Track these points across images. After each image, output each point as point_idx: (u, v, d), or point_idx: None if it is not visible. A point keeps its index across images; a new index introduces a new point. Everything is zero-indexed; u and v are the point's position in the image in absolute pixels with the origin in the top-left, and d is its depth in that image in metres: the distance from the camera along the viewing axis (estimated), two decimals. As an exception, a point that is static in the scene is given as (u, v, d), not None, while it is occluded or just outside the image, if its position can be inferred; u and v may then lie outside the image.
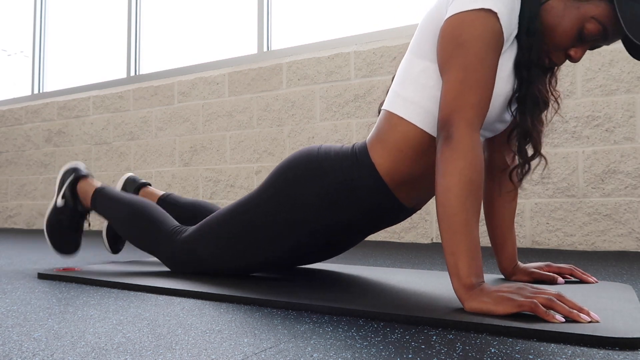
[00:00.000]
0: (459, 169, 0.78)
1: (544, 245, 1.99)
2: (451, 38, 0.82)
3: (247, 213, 1.07)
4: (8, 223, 3.78)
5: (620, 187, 1.87)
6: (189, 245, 1.14)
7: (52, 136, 3.57)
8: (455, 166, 0.78)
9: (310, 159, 1.02)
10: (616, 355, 0.58)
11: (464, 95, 0.80)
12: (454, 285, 0.77)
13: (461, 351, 0.60)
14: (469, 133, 0.79)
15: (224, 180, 2.80)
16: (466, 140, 0.79)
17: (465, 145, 0.79)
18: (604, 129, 1.91)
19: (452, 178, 0.78)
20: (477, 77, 0.80)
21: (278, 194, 1.03)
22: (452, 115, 0.80)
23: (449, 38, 0.83)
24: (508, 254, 1.08)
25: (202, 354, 0.59)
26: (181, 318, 0.78)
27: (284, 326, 0.72)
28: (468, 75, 0.80)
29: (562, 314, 0.70)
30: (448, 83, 0.82)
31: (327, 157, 1.01)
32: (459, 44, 0.81)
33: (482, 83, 0.81)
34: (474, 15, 0.81)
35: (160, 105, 3.08)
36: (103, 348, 0.61)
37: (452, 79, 0.81)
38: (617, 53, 1.90)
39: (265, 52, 2.77)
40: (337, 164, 1.00)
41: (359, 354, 0.59)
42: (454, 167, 0.78)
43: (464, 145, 0.79)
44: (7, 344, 0.63)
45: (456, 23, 0.82)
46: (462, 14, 0.82)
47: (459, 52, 0.81)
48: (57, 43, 3.80)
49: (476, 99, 0.80)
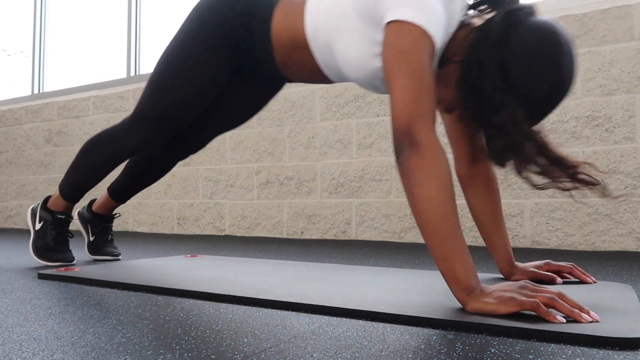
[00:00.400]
0: (437, 175, 0.78)
1: (544, 245, 1.99)
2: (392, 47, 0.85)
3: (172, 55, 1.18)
4: (8, 223, 3.78)
5: (620, 187, 1.87)
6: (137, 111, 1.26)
7: (52, 136, 3.57)
8: (430, 173, 0.78)
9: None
10: (616, 355, 0.58)
11: (417, 102, 0.81)
12: (453, 290, 0.77)
13: (461, 351, 0.60)
14: (433, 138, 0.80)
15: (224, 180, 2.80)
16: (434, 146, 0.79)
17: (434, 150, 0.79)
18: (604, 129, 1.91)
19: (430, 186, 0.78)
20: (424, 84, 0.82)
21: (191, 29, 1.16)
22: (411, 123, 0.80)
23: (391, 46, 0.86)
24: (501, 254, 1.09)
25: (202, 354, 0.59)
26: (181, 318, 0.78)
27: (284, 326, 0.72)
28: (415, 83, 0.82)
29: (563, 313, 0.70)
30: (398, 90, 0.83)
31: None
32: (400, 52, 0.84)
33: (429, 89, 0.83)
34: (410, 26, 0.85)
35: (160, 105, 3.08)
36: (103, 348, 0.61)
37: (401, 86, 0.83)
38: (617, 53, 1.90)
39: (265, 52, 2.77)
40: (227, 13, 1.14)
41: (359, 354, 0.59)
42: (430, 174, 0.78)
43: (433, 151, 0.79)
44: (7, 344, 0.63)
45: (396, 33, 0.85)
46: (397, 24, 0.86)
47: (401, 59, 0.84)
48: (57, 43, 3.80)
49: (429, 105, 0.82)
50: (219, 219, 2.81)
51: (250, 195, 2.71)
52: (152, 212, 3.05)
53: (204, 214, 2.86)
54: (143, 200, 3.10)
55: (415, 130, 0.80)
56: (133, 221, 3.13)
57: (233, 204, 2.77)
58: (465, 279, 0.75)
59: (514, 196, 2.05)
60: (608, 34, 1.91)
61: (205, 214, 2.85)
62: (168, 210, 2.99)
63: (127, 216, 3.16)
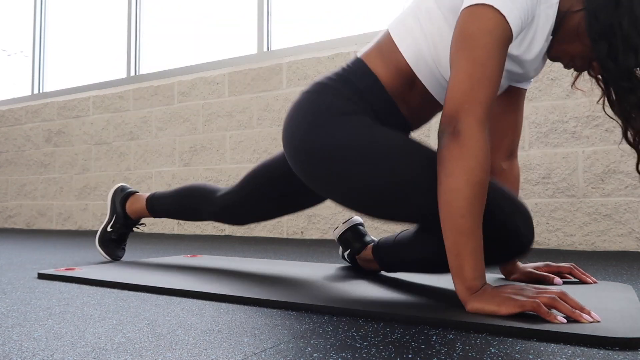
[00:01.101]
0: (469, 169, 0.75)
1: (544, 245, 1.99)
2: (461, 31, 0.80)
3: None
4: (8, 223, 3.78)
5: (620, 187, 1.87)
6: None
7: (52, 136, 3.57)
8: (464, 166, 0.75)
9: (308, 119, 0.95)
10: (616, 355, 0.58)
11: (473, 91, 0.77)
12: (457, 287, 0.77)
13: (461, 351, 0.60)
14: (479, 130, 0.76)
15: (224, 180, 2.80)
16: (476, 138, 0.76)
17: (475, 143, 0.76)
18: (604, 129, 1.91)
19: (460, 178, 0.75)
20: (485, 72, 0.78)
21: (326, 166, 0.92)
22: (460, 110, 0.77)
23: (460, 31, 0.81)
24: None
25: (202, 354, 0.59)
26: (181, 318, 0.78)
27: (284, 326, 0.72)
28: (476, 69, 0.78)
29: (564, 314, 0.70)
30: (457, 75, 0.79)
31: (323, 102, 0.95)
32: (469, 37, 0.79)
33: (491, 78, 0.78)
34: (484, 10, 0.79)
35: (160, 105, 3.08)
36: (103, 348, 0.61)
37: (460, 71, 0.79)
38: (617, 53, 1.90)
39: (265, 52, 2.77)
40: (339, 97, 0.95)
41: (359, 354, 0.59)
42: (463, 167, 0.75)
43: (473, 144, 0.76)
44: (7, 344, 0.63)
45: (467, 17, 0.80)
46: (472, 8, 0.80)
47: (467, 44, 0.79)
48: (57, 43, 3.80)
49: (485, 95, 0.78)
50: (219, 219, 2.81)
51: (250, 195, 2.71)
52: (152, 212, 3.06)
53: (204, 214, 2.86)
54: (143, 200, 3.10)
55: (462, 119, 0.77)
56: (133, 221, 3.13)
57: (233, 204, 2.77)
58: (471, 279, 0.75)
59: (514, 196, 2.05)
60: (608, 34, 1.91)
61: (205, 214, 2.85)
62: (168, 210, 2.99)
63: (127, 216, 3.16)
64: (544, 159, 2.00)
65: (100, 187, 3.30)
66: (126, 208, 1.52)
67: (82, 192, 3.39)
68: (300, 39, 2.74)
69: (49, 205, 3.56)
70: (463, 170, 0.75)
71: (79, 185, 3.41)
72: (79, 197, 3.40)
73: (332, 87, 0.96)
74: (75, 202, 3.42)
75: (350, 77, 0.97)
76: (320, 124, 0.93)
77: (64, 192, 3.48)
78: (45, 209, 3.57)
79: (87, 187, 3.37)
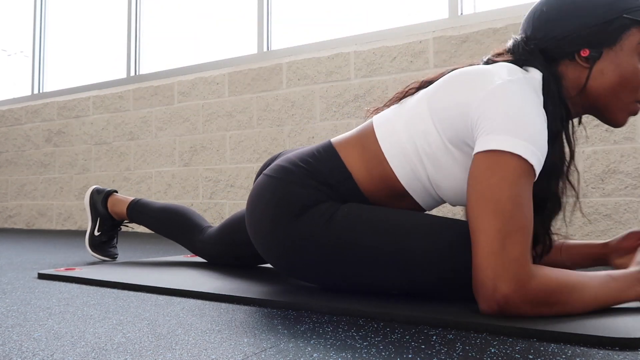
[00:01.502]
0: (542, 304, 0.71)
1: (544, 245, 1.99)
2: (479, 182, 0.74)
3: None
4: (8, 223, 3.78)
5: (620, 187, 1.87)
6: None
7: (52, 136, 3.57)
8: (536, 306, 0.71)
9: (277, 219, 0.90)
10: (616, 355, 0.58)
11: (505, 251, 0.70)
12: (631, 297, 0.76)
13: (461, 351, 0.60)
14: (526, 291, 0.69)
15: (224, 180, 2.80)
16: (528, 299, 0.70)
17: (530, 303, 0.70)
18: (604, 129, 1.91)
19: (543, 308, 0.71)
20: (515, 224, 0.71)
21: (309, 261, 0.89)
22: (495, 281, 0.69)
23: (478, 181, 0.74)
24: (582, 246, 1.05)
25: (202, 354, 0.59)
26: (181, 318, 0.78)
27: (284, 326, 0.72)
28: (505, 224, 0.71)
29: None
30: (481, 233, 0.72)
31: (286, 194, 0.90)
32: (493, 186, 0.72)
33: (524, 229, 0.71)
34: (504, 158, 0.73)
35: (160, 105, 3.08)
36: (103, 348, 0.61)
37: (485, 228, 0.71)
38: (617, 53, 1.90)
39: (265, 52, 2.77)
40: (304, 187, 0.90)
41: (359, 354, 0.59)
42: (536, 306, 0.71)
43: (526, 305, 0.70)
44: (7, 344, 0.63)
45: (486, 166, 0.74)
46: (492, 153, 0.74)
47: (492, 194, 0.72)
48: (57, 43, 3.80)
49: (520, 250, 0.70)
50: (219, 219, 2.81)
51: (250, 195, 2.71)
52: (152, 212, 3.06)
53: (204, 214, 2.86)
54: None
55: (502, 289, 0.69)
56: (133, 221, 3.13)
57: (233, 204, 2.76)
58: (624, 288, 0.75)
59: (514, 196, 2.05)
60: (608, 34, 1.91)
61: (205, 214, 2.85)
62: (168, 210, 2.99)
63: (127, 216, 3.16)
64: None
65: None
66: (108, 209, 1.51)
67: (82, 192, 3.39)
68: (300, 39, 2.74)
69: (49, 205, 3.56)
70: (539, 306, 0.71)
71: (79, 185, 3.41)
72: (79, 197, 3.40)
73: (297, 175, 0.91)
74: (75, 202, 3.42)
75: (320, 167, 0.91)
76: (282, 222, 0.89)
77: (64, 192, 3.49)
78: (45, 209, 3.57)
79: (87, 187, 3.37)
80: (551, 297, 0.71)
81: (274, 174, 0.93)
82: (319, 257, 0.87)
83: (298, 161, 0.93)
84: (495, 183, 0.72)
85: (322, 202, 0.89)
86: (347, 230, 0.85)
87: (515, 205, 0.71)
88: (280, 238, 0.89)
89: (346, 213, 0.86)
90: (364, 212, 0.86)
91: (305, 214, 0.88)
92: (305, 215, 0.88)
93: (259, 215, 0.93)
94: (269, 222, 0.90)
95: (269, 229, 0.91)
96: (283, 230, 0.89)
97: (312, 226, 0.87)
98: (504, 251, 0.70)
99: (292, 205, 0.89)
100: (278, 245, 0.90)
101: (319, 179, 0.90)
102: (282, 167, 0.94)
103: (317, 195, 0.89)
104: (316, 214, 0.87)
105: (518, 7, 2.11)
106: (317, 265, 0.88)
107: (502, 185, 0.72)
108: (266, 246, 0.93)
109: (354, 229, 0.84)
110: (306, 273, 0.91)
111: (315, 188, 0.89)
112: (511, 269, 0.69)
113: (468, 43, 2.17)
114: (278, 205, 0.90)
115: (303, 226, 0.87)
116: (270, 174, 0.94)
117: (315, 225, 0.86)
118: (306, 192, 0.89)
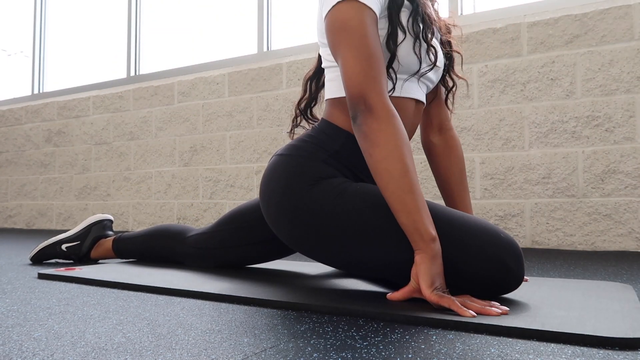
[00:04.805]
0: (392, 135, 0.82)
1: (543, 245, 1.99)
2: (332, 28, 0.89)
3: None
4: (8, 223, 3.78)
5: (620, 187, 1.87)
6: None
7: (52, 136, 3.57)
8: (386, 134, 0.82)
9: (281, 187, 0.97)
10: (616, 355, 0.58)
11: (367, 71, 0.85)
12: (416, 241, 0.80)
13: (461, 351, 0.60)
14: (387, 102, 0.84)
15: (224, 180, 2.80)
16: (386, 109, 0.83)
17: (387, 112, 0.83)
18: (604, 129, 1.91)
19: (388, 145, 0.81)
20: (368, 51, 0.86)
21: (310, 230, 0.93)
22: (364, 90, 0.84)
23: (330, 29, 0.90)
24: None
25: (202, 354, 0.59)
26: (181, 318, 0.78)
27: (284, 326, 0.72)
28: (361, 52, 0.85)
29: (474, 310, 0.75)
30: (344, 64, 0.86)
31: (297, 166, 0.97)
32: (340, 29, 0.88)
33: (374, 55, 0.86)
34: (344, 6, 0.88)
35: (160, 105, 3.08)
36: (103, 348, 0.62)
37: (346, 59, 0.86)
38: (617, 53, 1.90)
39: (265, 52, 2.77)
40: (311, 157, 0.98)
41: (359, 354, 0.59)
42: (386, 135, 0.82)
43: (386, 113, 0.83)
44: (7, 344, 0.63)
45: (332, 17, 0.89)
46: (333, 8, 0.89)
47: (342, 35, 0.87)
48: (57, 43, 3.80)
49: (377, 72, 0.85)
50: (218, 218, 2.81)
51: (250, 195, 2.71)
52: (152, 212, 3.05)
53: (204, 214, 2.86)
54: (143, 200, 3.10)
55: (368, 96, 0.84)
56: (133, 221, 3.13)
57: (233, 203, 2.76)
58: (427, 230, 0.79)
59: (513, 196, 2.05)
60: (608, 34, 1.91)
61: (205, 214, 2.85)
62: (168, 210, 2.99)
63: (127, 216, 3.16)
64: (544, 159, 2.00)
65: (100, 187, 3.30)
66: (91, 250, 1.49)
67: (82, 192, 3.39)
68: (300, 39, 2.74)
69: (49, 205, 3.56)
70: (387, 138, 0.82)
71: (79, 185, 3.41)
72: (79, 197, 3.40)
73: (306, 149, 0.99)
74: (75, 202, 3.42)
75: (323, 138, 1.00)
76: (294, 189, 0.95)
77: (64, 192, 3.49)
78: (45, 209, 3.57)
79: (87, 187, 3.37)
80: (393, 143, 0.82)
81: (286, 152, 1.01)
82: (322, 228, 0.91)
83: (303, 137, 1.02)
84: (342, 24, 0.88)
85: (335, 177, 0.96)
86: (353, 206, 0.90)
87: (365, 37, 0.86)
88: (293, 202, 0.94)
89: (357, 190, 0.92)
90: (373, 190, 0.92)
91: (319, 184, 0.94)
92: (320, 185, 0.94)
93: (274, 185, 0.98)
94: (282, 190, 0.96)
95: (282, 195, 0.96)
96: (296, 197, 0.94)
97: (324, 196, 0.92)
98: (365, 71, 0.85)
99: (307, 176, 0.95)
100: (289, 209, 0.95)
101: (326, 148, 0.98)
102: (291, 145, 1.01)
103: (329, 170, 0.96)
104: (328, 186, 0.93)
105: (518, 7, 2.11)
106: (318, 236, 0.92)
107: (349, 24, 0.87)
108: (277, 213, 0.97)
109: (359, 207, 0.89)
110: (307, 242, 0.94)
111: (325, 162, 0.97)
112: (372, 84, 0.84)
113: (468, 43, 2.17)
114: (292, 176, 0.96)
115: (316, 194, 0.93)
116: (282, 153, 1.02)
117: (327, 196, 0.92)
118: (319, 165, 0.96)
